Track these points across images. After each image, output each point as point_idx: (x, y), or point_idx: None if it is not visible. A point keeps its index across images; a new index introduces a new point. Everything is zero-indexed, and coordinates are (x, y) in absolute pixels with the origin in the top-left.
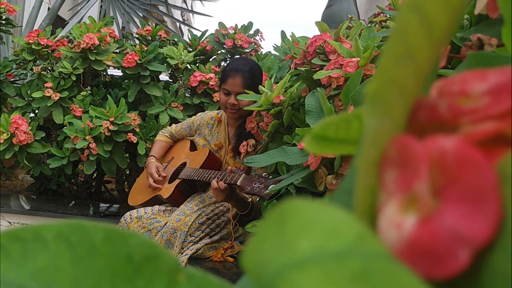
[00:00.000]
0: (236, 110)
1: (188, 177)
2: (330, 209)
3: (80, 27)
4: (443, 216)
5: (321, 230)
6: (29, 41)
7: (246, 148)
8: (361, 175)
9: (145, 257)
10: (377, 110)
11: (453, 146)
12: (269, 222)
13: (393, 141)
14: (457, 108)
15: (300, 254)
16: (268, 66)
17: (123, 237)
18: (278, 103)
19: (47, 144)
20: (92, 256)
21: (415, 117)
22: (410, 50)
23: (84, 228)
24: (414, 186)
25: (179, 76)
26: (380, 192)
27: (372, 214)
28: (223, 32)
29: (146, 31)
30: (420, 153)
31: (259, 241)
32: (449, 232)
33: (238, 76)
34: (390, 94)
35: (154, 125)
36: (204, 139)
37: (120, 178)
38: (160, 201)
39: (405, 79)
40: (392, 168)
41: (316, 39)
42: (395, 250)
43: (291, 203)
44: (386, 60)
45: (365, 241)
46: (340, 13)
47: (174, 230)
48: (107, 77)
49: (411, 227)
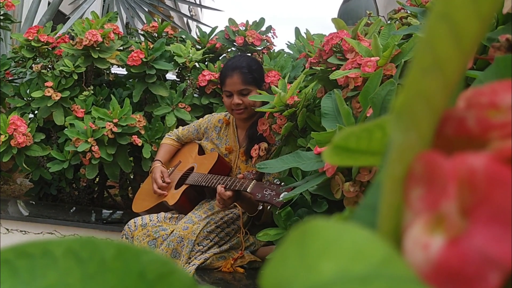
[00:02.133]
0: (243, 109)
1: (196, 183)
2: (353, 229)
3: (82, 23)
4: (472, 237)
5: (345, 251)
6: (29, 37)
7: (258, 152)
8: (386, 193)
9: (159, 275)
10: (403, 124)
11: (482, 164)
12: (290, 242)
13: (419, 157)
14: (486, 122)
15: (324, 277)
16: (281, 65)
17: (135, 254)
18: (292, 104)
19: (47, 147)
20: (103, 273)
21: (442, 131)
22: (438, 61)
23: (94, 244)
24: (441, 205)
25: (187, 75)
26: (406, 211)
27: (397, 234)
28: (233, 29)
29: (152, 27)
30: (448, 171)
31: (280, 261)
32: (478, 254)
33: (235, 74)
34: (417, 107)
35: (160, 127)
36: (212, 143)
37: (124, 183)
38: (166, 208)
39: (432, 91)
40: (419, 185)
41: (333, 36)
42: (421, 273)
43: (313, 223)
44: (413, 72)
45: (391, 263)
46: (357, 9)
47: (181, 239)
48: (111, 76)
49: (438, 249)
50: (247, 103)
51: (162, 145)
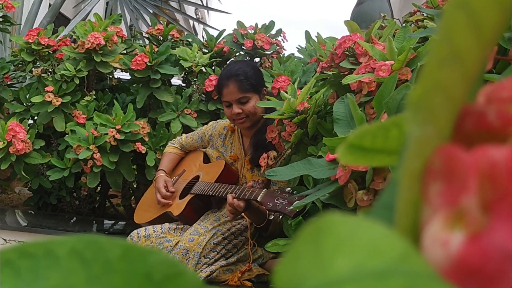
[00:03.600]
0: (244, 118)
1: (202, 192)
2: (370, 224)
3: (85, 25)
4: (493, 233)
5: (361, 247)
6: (29, 40)
7: (266, 160)
8: (403, 189)
9: (166, 276)
10: (421, 117)
11: (504, 157)
12: (304, 238)
13: (438, 151)
14: (507, 116)
15: (338, 273)
16: (292, 69)
17: (141, 254)
18: (302, 111)
19: (47, 154)
20: (108, 274)
21: (461, 125)
22: (456, 52)
23: (99, 244)
24: (461, 200)
25: (193, 80)
26: (424, 206)
27: (415, 231)
28: (241, 32)
29: (157, 30)
30: (469, 164)
31: (293, 258)
32: (499, 251)
33: (230, 83)
34: (435, 99)
35: (165, 133)
36: (217, 151)
37: (127, 192)
38: (171, 219)
39: (451, 83)
40: (437, 180)
41: (345, 40)
42: (441, 270)
43: (328, 218)
44: (431, 63)
45: (408, 259)
46: (371, 11)
47: (187, 251)
48: (114, 81)
49: (458, 245)
50: (248, 111)
51: (165, 153)
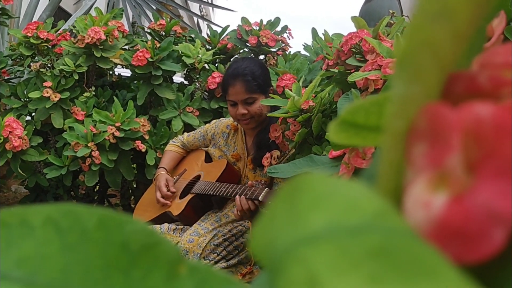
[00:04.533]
0: (249, 119)
1: (203, 192)
2: (348, 183)
3: (85, 20)
4: (477, 193)
5: (337, 204)
6: (27, 34)
7: (270, 160)
8: (386, 150)
9: (143, 246)
10: (407, 75)
11: (490, 114)
12: (281, 197)
13: (423, 111)
14: (497, 78)
15: (313, 229)
16: (297, 67)
17: (118, 223)
18: (307, 109)
19: (44, 151)
20: (83, 244)
21: (451, 89)
22: (446, 8)
23: (75, 213)
24: (445, 161)
25: (196, 77)
26: (408, 168)
27: (397, 194)
28: (246, 28)
29: (159, 25)
30: (453, 122)
31: (270, 217)
32: (483, 210)
33: (237, 83)
34: (422, 56)
35: (165, 132)
36: (219, 150)
37: (126, 191)
38: (170, 219)
39: (439, 41)
40: (422, 141)
41: (352, 36)
42: (422, 232)
43: (305, 177)
44: (418, 19)
45: (385, 216)
46: (380, 9)
47: (186, 252)
48: (114, 77)
49: (441, 206)
50: (253, 112)
51: (166, 152)
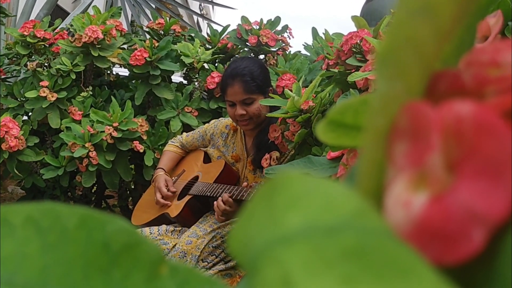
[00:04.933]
0: (247, 120)
1: (200, 193)
2: (326, 182)
3: (82, 18)
4: (457, 193)
5: (314, 203)
6: (24, 32)
7: (269, 161)
8: (367, 148)
9: (124, 246)
10: (388, 72)
11: (471, 112)
12: (259, 196)
13: (405, 109)
14: (482, 76)
15: (289, 229)
16: (297, 67)
17: (99, 223)
18: (307, 110)
19: (41, 152)
20: (64, 243)
21: (435, 87)
22: (428, 5)
23: (56, 212)
24: (425, 160)
25: (195, 77)
26: (389, 167)
27: (378, 193)
28: (246, 28)
29: (158, 24)
30: (433, 120)
31: (248, 216)
32: (462, 210)
33: (236, 83)
34: (404, 53)
35: (164, 132)
36: (218, 151)
37: (124, 192)
38: (168, 220)
39: (422, 37)
40: (403, 139)
41: (352, 36)
42: (402, 232)
43: (284, 175)
44: (400, 15)
45: (363, 216)
46: (382, 9)
47: (184, 254)
48: (112, 76)
49: (420, 206)
50: (252, 113)
51: (165, 152)
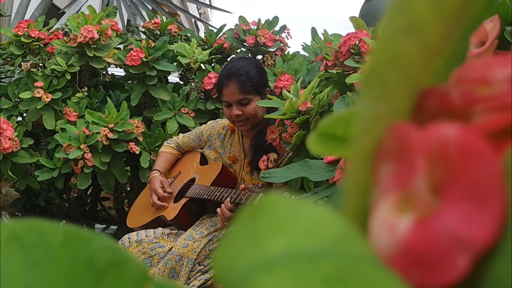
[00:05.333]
0: (243, 120)
1: (197, 196)
2: (310, 205)
3: (78, 18)
4: (442, 217)
5: (297, 227)
6: (18, 32)
7: (266, 163)
8: (352, 169)
9: (109, 264)
10: (373, 92)
11: (455, 135)
12: (242, 219)
13: (390, 129)
14: (470, 95)
15: (271, 254)
16: (296, 68)
17: (84, 240)
18: (305, 111)
19: (36, 153)
20: (48, 261)
21: (422, 106)
22: (415, 24)
23: (40, 230)
24: (411, 183)
25: (191, 78)
26: (374, 189)
27: (363, 215)
28: (243, 28)
29: (154, 24)
30: (418, 142)
31: (230, 240)
32: (447, 235)
33: (231, 83)
34: (389, 73)
35: (160, 133)
36: (215, 152)
37: (119, 195)
38: (164, 223)
39: (408, 57)
40: (389, 160)
41: (350, 37)
42: (386, 256)
43: (267, 198)
44: (386, 34)
45: (347, 241)
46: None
47: (180, 257)
48: (107, 77)
49: (405, 230)
50: (248, 113)
51: (161, 153)
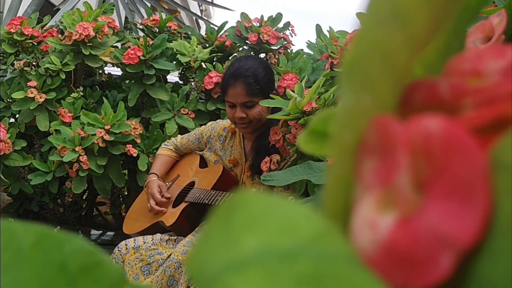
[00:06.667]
0: (247, 123)
1: (197, 200)
2: (286, 202)
3: (73, 15)
4: (425, 214)
5: (272, 225)
6: (11, 30)
7: (269, 165)
8: (334, 164)
9: (82, 266)
10: (355, 83)
11: (439, 128)
12: (216, 217)
13: (373, 123)
14: (459, 87)
15: (243, 253)
16: (300, 67)
17: (57, 242)
18: (310, 111)
19: (29, 156)
20: (18, 264)
21: (409, 98)
22: (398, 12)
23: (11, 231)
24: (393, 179)
25: (191, 77)
26: (356, 185)
27: (345, 213)
28: (246, 25)
29: (152, 21)
30: (400, 137)
31: (204, 239)
32: (431, 234)
33: (238, 84)
34: (372, 63)
35: (159, 135)
36: (215, 155)
37: (116, 199)
38: (163, 229)
39: (392, 47)
40: (372, 155)
41: None
42: (367, 255)
43: (241, 195)
44: (367, 22)
45: (323, 239)
46: None
47: (180, 265)
48: (104, 76)
49: (387, 228)
50: (252, 116)
51: (158, 156)
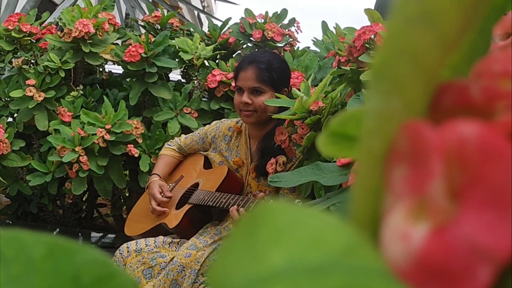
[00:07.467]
0: (251, 111)
1: (201, 202)
2: (314, 213)
3: (72, 11)
4: (461, 224)
5: (300, 238)
6: (8, 27)
7: (274, 166)
8: (362, 173)
9: (95, 278)
10: (384, 87)
11: (475, 134)
12: (240, 229)
13: (404, 128)
14: (491, 90)
15: (270, 267)
16: (306, 64)
17: (69, 253)
18: (316, 111)
19: (27, 156)
20: (29, 275)
21: (439, 102)
22: (428, 11)
23: (21, 242)
24: (426, 187)
25: (194, 75)
26: (386, 194)
27: (374, 223)
28: (250, 21)
29: (154, 17)
30: (433, 143)
31: (227, 251)
32: (466, 245)
33: (250, 68)
34: (401, 66)
35: (161, 135)
36: (220, 155)
37: (117, 201)
38: (166, 231)
39: (421, 49)
40: (403, 163)
41: (365, 31)
42: (399, 268)
43: (267, 206)
44: (396, 24)
45: (355, 252)
46: None
47: (183, 268)
48: (104, 74)
49: (420, 239)
50: (257, 105)
51: (161, 156)
